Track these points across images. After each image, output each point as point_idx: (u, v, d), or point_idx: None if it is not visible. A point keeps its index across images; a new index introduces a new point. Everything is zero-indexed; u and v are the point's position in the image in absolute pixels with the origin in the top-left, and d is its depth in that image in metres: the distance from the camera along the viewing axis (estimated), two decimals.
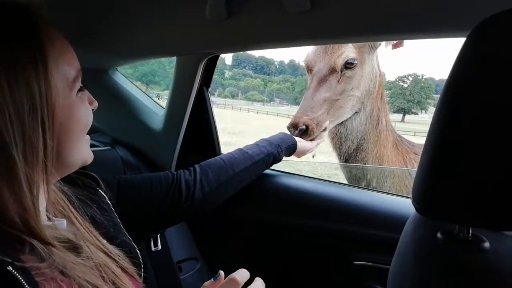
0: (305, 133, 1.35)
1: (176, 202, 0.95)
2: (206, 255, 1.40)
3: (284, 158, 1.26)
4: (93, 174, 0.74)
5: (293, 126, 1.36)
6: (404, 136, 1.79)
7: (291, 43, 0.90)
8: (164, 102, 1.37)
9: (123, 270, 0.65)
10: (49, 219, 0.60)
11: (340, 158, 1.65)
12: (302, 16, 0.73)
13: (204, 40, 1.01)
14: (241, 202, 1.28)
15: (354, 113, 1.55)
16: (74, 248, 0.57)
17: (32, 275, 0.47)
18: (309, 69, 1.51)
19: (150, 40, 1.10)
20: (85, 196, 0.70)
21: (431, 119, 0.54)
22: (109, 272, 0.60)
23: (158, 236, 1.23)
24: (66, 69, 0.55)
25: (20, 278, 0.45)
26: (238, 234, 1.33)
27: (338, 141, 1.60)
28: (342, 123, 1.56)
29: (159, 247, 1.22)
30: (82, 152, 0.60)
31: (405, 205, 1.09)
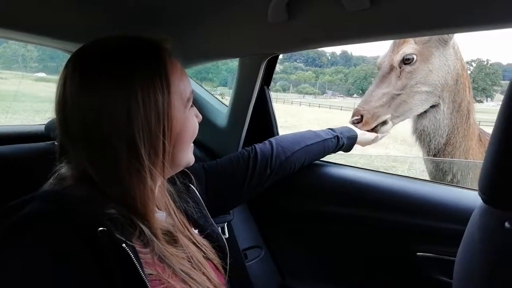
0: (361, 122, 1.47)
1: (256, 172, 1.05)
2: (269, 243, 1.47)
3: (340, 152, 1.30)
4: (186, 169, 0.84)
5: (352, 116, 1.50)
6: None
7: (350, 41, 0.92)
8: (227, 101, 1.45)
9: (208, 260, 0.75)
10: None
11: (428, 155, 1.66)
12: (361, 14, 0.74)
13: (265, 41, 1.06)
14: (302, 193, 1.32)
15: (432, 107, 1.58)
16: (172, 239, 0.69)
17: (138, 255, 0.58)
18: (378, 69, 1.62)
19: (215, 43, 1.18)
20: (180, 191, 0.82)
21: (498, 107, 0.54)
22: (198, 262, 0.71)
23: (225, 225, 1.32)
24: (182, 91, 0.68)
25: (132, 255, 0.56)
26: (300, 225, 1.38)
27: (427, 137, 1.62)
28: (423, 117, 1.60)
29: (227, 235, 1.31)
30: (189, 155, 0.73)
31: (469, 196, 1.08)
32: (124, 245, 0.55)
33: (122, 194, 0.61)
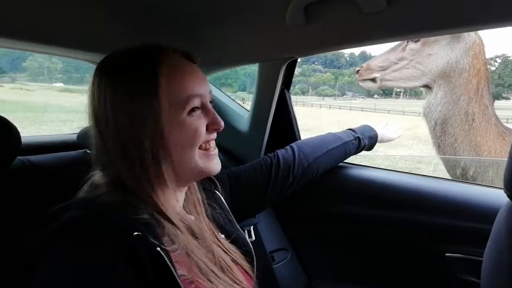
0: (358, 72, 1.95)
1: (279, 179, 1.07)
2: (294, 245, 1.48)
3: (363, 153, 1.30)
4: (212, 177, 0.85)
5: None
6: None
7: (368, 42, 0.92)
8: (248, 105, 1.47)
9: (236, 263, 0.77)
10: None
11: (432, 137, 1.83)
12: (378, 15, 0.75)
13: (284, 46, 1.07)
14: (326, 195, 1.33)
15: (425, 88, 1.83)
16: (196, 237, 0.71)
17: (171, 256, 0.61)
18: None
19: (235, 49, 1.21)
20: (208, 198, 0.84)
21: None
22: (226, 265, 0.73)
23: (252, 227, 1.34)
24: (177, 93, 0.67)
25: (166, 258, 0.59)
26: (325, 227, 1.38)
27: (426, 117, 1.82)
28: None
29: (253, 237, 1.33)
30: (196, 162, 0.71)
31: (495, 195, 1.06)
32: (158, 248, 0.58)
33: (149, 196, 0.65)
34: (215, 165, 0.74)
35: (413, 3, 0.71)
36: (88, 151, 0.73)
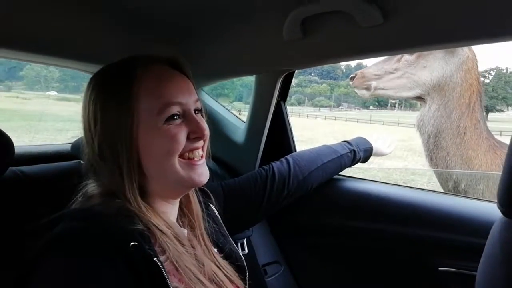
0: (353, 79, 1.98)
1: (274, 192, 1.06)
2: (288, 258, 1.46)
3: (358, 165, 1.30)
4: (205, 188, 0.85)
5: None
6: None
7: (364, 55, 0.93)
8: (244, 117, 1.47)
9: (229, 279, 0.76)
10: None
11: (425, 150, 1.85)
12: (375, 30, 0.76)
13: (281, 58, 1.08)
14: (320, 208, 1.32)
15: (419, 99, 1.86)
16: (187, 250, 0.70)
17: (165, 267, 0.61)
18: None
19: (233, 61, 1.21)
20: (201, 211, 0.83)
21: None
22: (218, 280, 0.72)
23: (245, 240, 1.33)
24: (153, 101, 0.67)
25: (161, 267, 0.59)
26: (318, 240, 1.37)
27: (422, 126, 1.83)
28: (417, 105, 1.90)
29: (246, 250, 1.32)
30: (177, 172, 0.69)
31: (489, 209, 1.06)
32: (155, 259, 0.59)
33: (139, 207, 0.65)
34: (199, 176, 0.72)
35: (408, 19, 0.71)
36: (82, 161, 0.73)
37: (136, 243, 0.57)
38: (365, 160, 1.32)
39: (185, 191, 0.77)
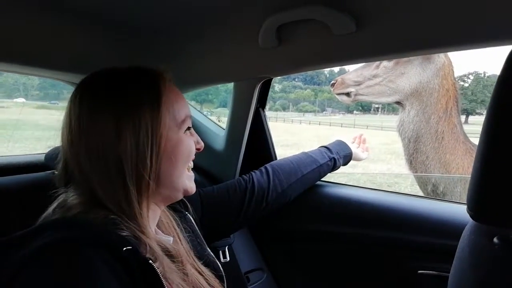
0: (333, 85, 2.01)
1: (252, 204, 1.05)
2: (270, 265, 1.46)
3: (343, 169, 1.31)
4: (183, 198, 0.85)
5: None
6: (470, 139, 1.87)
7: (339, 63, 0.94)
8: (223, 124, 1.47)
9: (211, 286, 0.76)
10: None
11: (405, 154, 1.89)
12: (348, 37, 0.77)
13: (257, 66, 1.08)
14: (302, 214, 1.32)
15: (398, 104, 1.89)
16: (173, 259, 0.69)
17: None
18: None
19: (211, 69, 1.21)
20: (179, 220, 0.83)
21: None
22: (200, 287, 0.71)
23: (226, 248, 1.31)
24: (176, 113, 0.70)
25: (157, 269, 0.58)
26: (300, 246, 1.37)
27: (402, 131, 1.87)
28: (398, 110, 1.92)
29: (228, 258, 1.30)
30: (184, 179, 0.73)
31: (464, 212, 1.07)
32: (151, 261, 0.58)
33: (130, 216, 0.64)
34: (192, 186, 0.76)
35: (381, 27, 0.72)
36: (56, 172, 0.70)
37: (130, 247, 0.56)
38: (344, 165, 1.33)
39: (179, 199, 0.77)
